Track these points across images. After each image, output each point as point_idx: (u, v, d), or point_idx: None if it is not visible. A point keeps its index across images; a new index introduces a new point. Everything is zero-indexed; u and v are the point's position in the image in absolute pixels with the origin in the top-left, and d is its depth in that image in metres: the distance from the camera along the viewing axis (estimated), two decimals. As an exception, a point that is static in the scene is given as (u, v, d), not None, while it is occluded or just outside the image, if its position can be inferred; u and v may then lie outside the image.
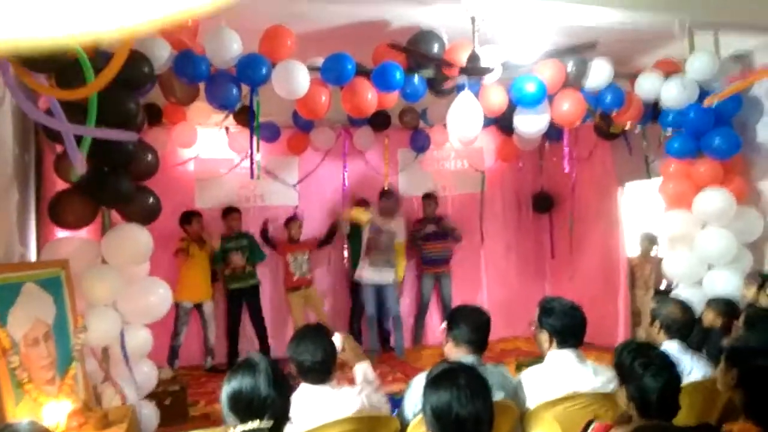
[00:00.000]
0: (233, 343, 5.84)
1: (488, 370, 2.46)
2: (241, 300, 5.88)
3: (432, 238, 6.32)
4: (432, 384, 1.65)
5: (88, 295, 3.30)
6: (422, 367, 5.17)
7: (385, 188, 6.27)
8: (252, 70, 3.83)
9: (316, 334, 2.31)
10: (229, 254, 5.79)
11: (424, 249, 6.36)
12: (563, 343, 2.52)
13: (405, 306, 6.58)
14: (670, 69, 4.60)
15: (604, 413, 2.28)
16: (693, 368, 2.63)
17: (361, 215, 5.77)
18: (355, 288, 6.18)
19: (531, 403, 2.42)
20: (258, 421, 1.51)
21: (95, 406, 2.94)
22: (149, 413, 3.56)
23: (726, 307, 3.75)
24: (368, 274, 5.72)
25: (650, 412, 1.86)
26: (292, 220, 6.11)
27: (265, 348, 5.85)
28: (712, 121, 4.48)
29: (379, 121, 6.05)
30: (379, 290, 5.78)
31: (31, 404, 2.56)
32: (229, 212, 5.93)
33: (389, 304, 5.82)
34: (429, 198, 6.44)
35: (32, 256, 3.50)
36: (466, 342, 2.45)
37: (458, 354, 2.45)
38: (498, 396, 2.34)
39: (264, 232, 6.12)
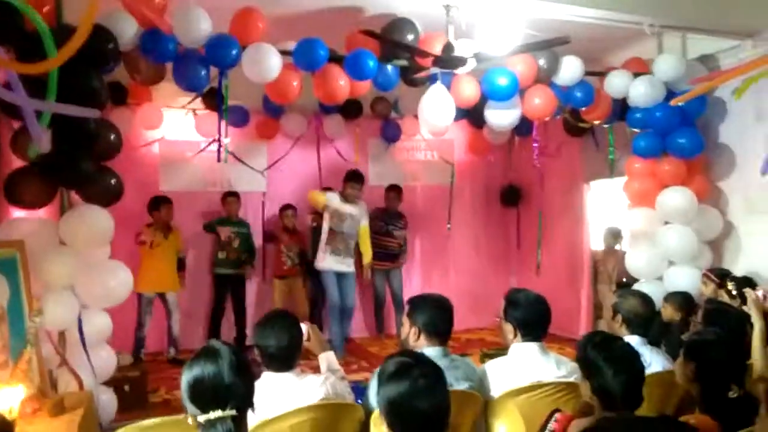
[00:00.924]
0: (215, 332, 5.74)
1: (453, 361, 2.46)
2: (227, 287, 5.81)
3: (386, 234, 6.17)
4: (389, 378, 1.60)
5: (45, 278, 3.19)
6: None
7: (355, 169, 5.84)
8: (221, 52, 3.75)
9: (283, 320, 2.28)
10: (228, 238, 5.72)
11: (378, 242, 6.06)
12: (527, 335, 2.54)
13: (365, 296, 6.54)
14: (639, 68, 4.68)
15: (566, 403, 2.31)
16: (652, 361, 2.69)
17: (318, 197, 5.49)
18: (315, 276, 5.98)
19: (495, 392, 2.44)
20: (220, 410, 1.45)
21: (50, 391, 2.85)
22: (107, 399, 3.48)
23: (684, 301, 3.85)
24: (329, 262, 5.51)
25: (614, 405, 1.88)
26: (287, 209, 6.01)
27: (241, 337, 5.79)
28: (677, 121, 4.57)
29: (351, 109, 6.02)
30: (338, 278, 5.55)
31: (-19, 389, 2.47)
32: (228, 196, 5.85)
33: (347, 293, 5.59)
34: (393, 190, 6.28)
35: (-14, 236, 3.36)
36: (432, 332, 2.44)
37: (424, 344, 2.44)
38: (463, 386, 2.35)
39: (267, 234, 6.08)
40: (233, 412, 1.47)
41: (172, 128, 5.84)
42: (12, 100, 2.80)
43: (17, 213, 3.52)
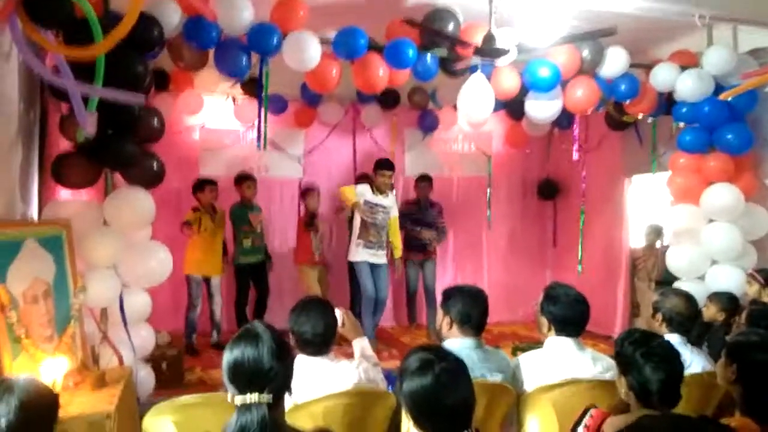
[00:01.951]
0: (241, 318, 5.67)
1: (487, 353, 2.45)
2: (249, 274, 5.64)
3: (419, 222, 6.03)
4: (411, 374, 1.58)
5: (89, 257, 3.29)
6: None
7: (383, 158, 5.66)
8: (263, 39, 3.78)
9: (318, 306, 2.30)
10: (250, 225, 5.47)
11: (411, 233, 5.99)
12: (561, 331, 2.50)
13: (397, 287, 6.53)
14: (687, 61, 4.54)
15: (601, 400, 2.27)
16: (693, 362, 2.62)
17: (349, 195, 5.30)
18: (352, 268, 5.85)
19: (528, 386, 2.42)
20: (257, 394, 1.46)
21: (92, 366, 2.95)
22: (146, 376, 3.58)
23: (728, 302, 3.73)
24: (363, 255, 5.41)
25: (651, 402, 1.84)
26: (310, 191, 5.85)
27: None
28: (725, 116, 4.42)
29: (388, 99, 6.01)
30: (372, 269, 5.45)
31: (28, 360, 2.56)
32: (245, 180, 5.60)
33: (380, 285, 5.48)
34: (425, 180, 6.16)
35: (34, 215, 3.48)
36: (465, 323, 2.43)
37: (458, 335, 2.43)
38: (496, 378, 2.34)
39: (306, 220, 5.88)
40: (269, 398, 1.47)
41: (212, 114, 5.93)
42: (60, 84, 2.89)
43: (64, 193, 3.63)
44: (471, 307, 2.43)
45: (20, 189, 3.19)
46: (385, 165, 5.45)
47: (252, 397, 1.46)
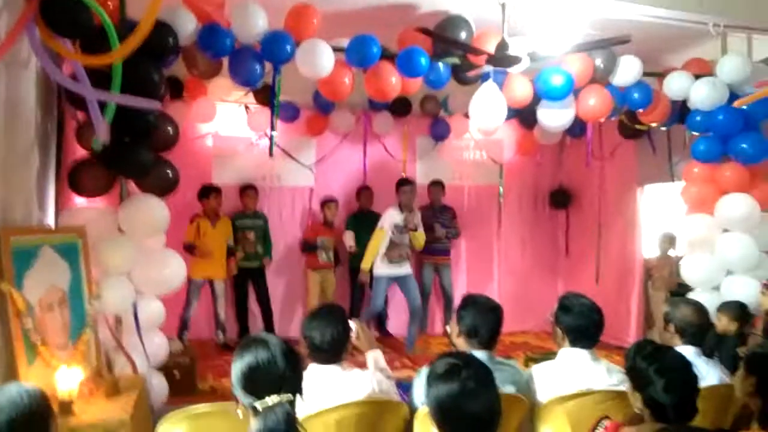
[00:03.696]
0: (242, 321, 5.87)
1: (499, 364, 2.43)
2: (247, 279, 5.85)
3: (432, 227, 6.06)
4: (437, 379, 1.60)
5: (104, 264, 3.31)
6: (429, 356, 5.17)
7: (404, 176, 6.03)
8: (276, 47, 3.80)
9: (331, 313, 2.30)
10: (243, 232, 5.77)
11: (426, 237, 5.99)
12: (576, 342, 2.48)
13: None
14: (701, 69, 4.52)
15: (616, 411, 2.26)
16: (708, 373, 2.59)
17: (379, 241, 5.41)
18: (355, 276, 5.99)
19: (542, 397, 2.40)
20: (276, 396, 1.47)
21: (107, 373, 2.96)
22: (159, 384, 3.58)
23: (738, 311, 3.69)
24: (385, 269, 5.47)
25: (667, 418, 1.81)
26: (330, 201, 6.03)
27: (270, 330, 5.86)
28: (740, 125, 4.39)
29: (400, 107, 6.03)
30: (399, 281, 5.54)
31: (44, 367, 2.57)
32: (246, 189, 5.89)
33: (412, 294, 5.53)
34: (437, 185, 6.31)
35: (50, 222, 3.51)
36: (473, 338, 2.41)
37: (469, 348, 2.42)
38: (509, 389, 2.32)
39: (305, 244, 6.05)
40: (289, 396, 1.48)
41: (224, 122, 5.97)
42: (77, 90, 2.93)
43: (79, 201, 3.66)
44: (480, 323, 2.39)
45: (37, 196, 3.22)
46: (405, 182, 5.66)
47: (273, 399, 1.46)
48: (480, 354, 2.37)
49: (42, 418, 1.56)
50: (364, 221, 5.91)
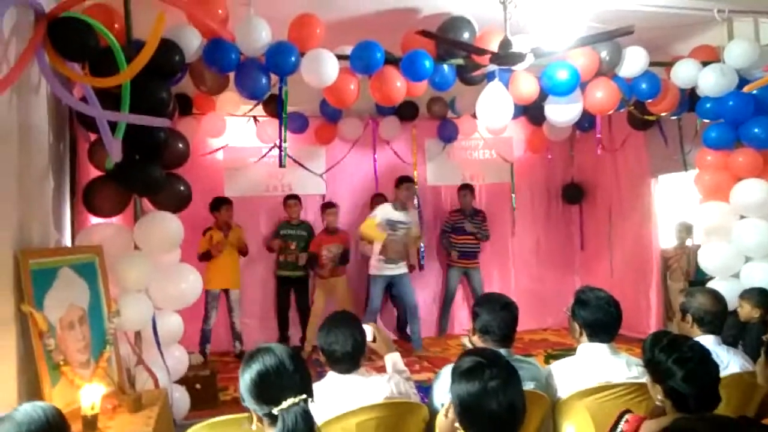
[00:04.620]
0: (283, 329, 5.97)
1: (519, 362, 2.42)
2: (289, 287, 5.98)
3: (465, 231, 6.23)
4: (460, 376, 1.61)
5: (121, 281, 3.36)
6: (449, 357, 5.16)
7: (402, 175, 5.89)
8: (281, 59, 3.83)
9: (346, 323, 2.29)
10: (286, 242, 5.89)
11: (455, 241, 6.28)
12: (593, 336, 2.47)
13: (430, 297, 6.58)
14: (708, 56, 4.48)
15: (637, 404, 2.24)
16: (730, 362, 2.56)
17: (372, 234, 5.44)
18: (369, 279, 6.09)
19: (562, 393, 2.39)
20: (291, 398, 1.47)
21: (129, 389, 2.99)
22: (180, 397, 3.62)
23: (761, 297, 3.64)
24: (381, 269, 5.51)
25: (689, 408, 1.80)
26: (329, 207, 6.01)
27: (305, 338, 5.90)
28: (751, 110, 4.34)
29: (407, 111, 6.05)
30: (394, 280, 5.58)
31: (67, 386, 2.61)
32: (288, 200, 5.99)
33: (406, 292, 5.60)
34: (466, 189, 6.32)
35: (67, 242, 3.57)
36: (487, 335, 2.41)
37: (480, 344, 2.41)
38: (529, 386, 2.31)
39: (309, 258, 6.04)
40: (303, 396, 1.49)
41: (235, 136, 6.03)
42: (88, 112, 2.98)
43: (95, 220, 3.71)
44: (492, 319, 2.39)
45: (53, 218, 3.27)
46: (405, 179, 5.70)
47: (289, 401, 1.47)
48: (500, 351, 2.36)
49: (60, 430, 1.61)
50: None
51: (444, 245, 6.47)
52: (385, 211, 5.48)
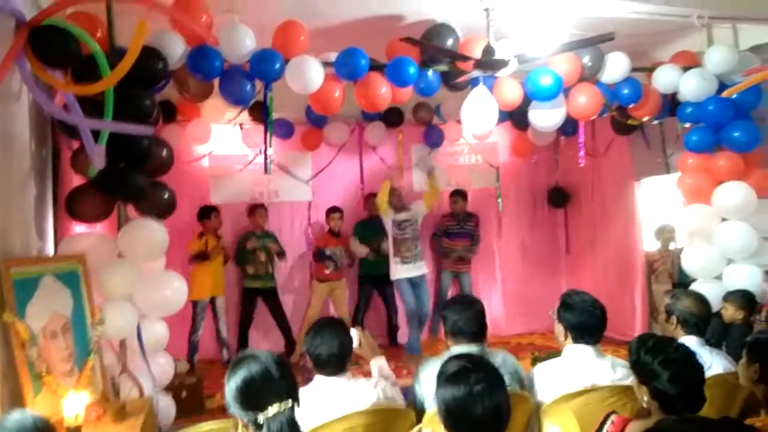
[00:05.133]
0: (243, 340, 5.86)
1: (493, 355, 2.44)
2: (256, 299, 5.88)
3: (457, 235, 6.26)
4: (446, 381, 1.61)
5: (105, 289, 3.32)
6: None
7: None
8: (265, 66, 3.83)
9: (332, 327, 2.30)
10: (255, 252, 5.78)
11: (446, 245, 6.29)
12: (579, 338, 2.49)
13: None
14: (688, 62, 4.54)
15: (622, 406, 2.26)
16: (713, 363, 2.59)
17: (382, 205, 5.61)
18: (362, 283, 6.25)
19: (548, 396, 2.40)
20: (276, 405, 1.47)
21: (113, 398, 2.96)
22: (166, 405, 3.58)
23: (745, 300, 3.69)
24: (402, 272, 5.61)
25: (675, 409, 1.82)
26: (334, 212, 6.05)
27: (291, 343, 5.88)
28: (731, 114, 4.41)
29: (393, 117, 6.07)
30: (416, 281, 5.68)
31: (50, 396, 2.58)
32: (256, 208, 5.92)
33: (423, 299, 5.70)
34: (457, 195, 6.35)
35: (50, 251, 3.53)
36: (459, 334, 2.46)
37: (461, 347, 2.43)
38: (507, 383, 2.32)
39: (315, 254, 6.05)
40: (289, 402, 1.50)
41: (220, 142, 6.01)
42: (70, 121, 2.95)
43: (78, 228, 3.68)
44: (459, 319, 2.45)
45: (36, 226, 3.24)
46: (390, 192, 5.78)
47: (275, 408, 1.47)
48: (470, 348, 2.38)
49: None
50: (371, 228, 6.02)
51: (436, 249, 6.48)
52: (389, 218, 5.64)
